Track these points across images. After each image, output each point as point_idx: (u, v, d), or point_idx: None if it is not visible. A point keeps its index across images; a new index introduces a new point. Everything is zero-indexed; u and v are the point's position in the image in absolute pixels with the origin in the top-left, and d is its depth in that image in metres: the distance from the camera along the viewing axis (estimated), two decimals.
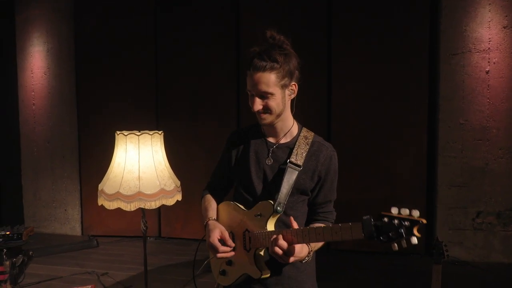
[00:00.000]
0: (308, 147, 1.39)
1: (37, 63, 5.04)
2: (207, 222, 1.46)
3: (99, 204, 2.42)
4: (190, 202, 4.50)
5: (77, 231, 5.01)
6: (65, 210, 5.05)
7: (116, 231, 4.87)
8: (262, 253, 1.35)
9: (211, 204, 1.57)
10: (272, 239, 1.25)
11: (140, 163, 2.41)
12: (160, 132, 2.52)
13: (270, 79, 1.29)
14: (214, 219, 1.49)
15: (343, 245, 4.05)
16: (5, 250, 1.87)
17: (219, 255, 1.35)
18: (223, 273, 1.45)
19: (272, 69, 1.28)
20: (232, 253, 1.37)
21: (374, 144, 4.08)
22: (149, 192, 2.37)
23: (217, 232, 1.37)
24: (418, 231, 0.99)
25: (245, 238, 1.37)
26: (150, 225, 4.74)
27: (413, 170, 4.03)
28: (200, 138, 4.59)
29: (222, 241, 1.36)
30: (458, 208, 3.90)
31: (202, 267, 1.50)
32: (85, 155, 4.94)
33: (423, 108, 3.99)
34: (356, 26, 4.07)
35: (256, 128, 1.51)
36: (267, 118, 1.36)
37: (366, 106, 4.10)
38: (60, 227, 5.07)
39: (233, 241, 1.39)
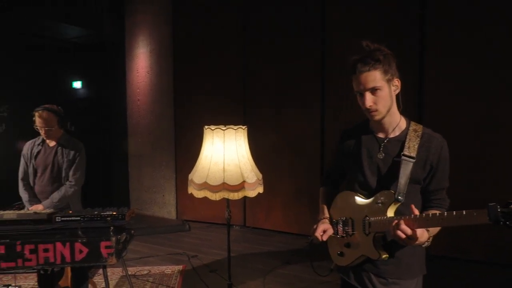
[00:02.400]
0: (419, 139, 1.48)
1: (141, 63, 5.64)
2: (320, 220, 1.66)
3: (189, 192, 2.64)
4: (273, 194, 4.65)
5: (173, 215, 5.52)
6: (163, 195, 5.60)
7: (206, 218, 5.25)
8: (380, 237, 1.48)
9: (325, 201, 1.74)
10: (394, 224, 1.36)
11: (225, 156, 2.57)
12: (244, 127, 2.63)
13: (376, 75, 1.44)
14: (326, 217, 1.67)
15: (441, 250, 3.75)
16: (111, 227, 2.17)
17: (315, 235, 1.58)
18: (341, 254, 1.60)
19: (376, 67, 1.44)
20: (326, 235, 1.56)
21: (473, 147, 3.68)
22: (232, 184, 2.51)
23: (322, 227, 1.59)
24: None
25: (364, 224, 1.50)
26: (236, 214, 5.01)
27: None
28: (283, 130, 4.68)
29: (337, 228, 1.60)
30: None
31: (312, 240, 1.62)
32: (180, 146, 5.40)
33: None
34: (453, 11, 3.71)
35: (364, 126, 1.63)
36: (378, 114, 1.48)
37: (465, 102, 3.71)
38: (158, 211, 5.64)
39: (353, 226, 1.55)
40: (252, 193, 2.62)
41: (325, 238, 1.56)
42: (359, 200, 1.57)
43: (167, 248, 4.29)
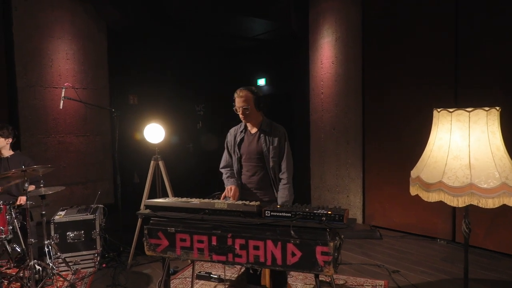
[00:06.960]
0: None
1: (325, 53, 5.30)
2: None
3: (413, 193, 2.07)
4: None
5: (358, 219, 4.97)
6: (347, 196, 5.12)
7: (399, 226, 4.50)
8: None
9: None
10: None
11: (470, 147, 1.87)
12: (498, 108, 1.88)
13: None
14: None
15: None
16: (328, 229, 1.77)
17: None
18: None
19: None
20: None
21: None
22: (485, 186, 1.80)
23: None
24: None
25: None
26: (440, 226, 4.11)
27: None
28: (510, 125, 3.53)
29: None
30: None
31: None
32: (369, 142, 4.80)
33: None
34: None
35: None
36: None
37: None
38: None
39: None
40: None
41: None
42: None
43: (360, 256, 3.76)
